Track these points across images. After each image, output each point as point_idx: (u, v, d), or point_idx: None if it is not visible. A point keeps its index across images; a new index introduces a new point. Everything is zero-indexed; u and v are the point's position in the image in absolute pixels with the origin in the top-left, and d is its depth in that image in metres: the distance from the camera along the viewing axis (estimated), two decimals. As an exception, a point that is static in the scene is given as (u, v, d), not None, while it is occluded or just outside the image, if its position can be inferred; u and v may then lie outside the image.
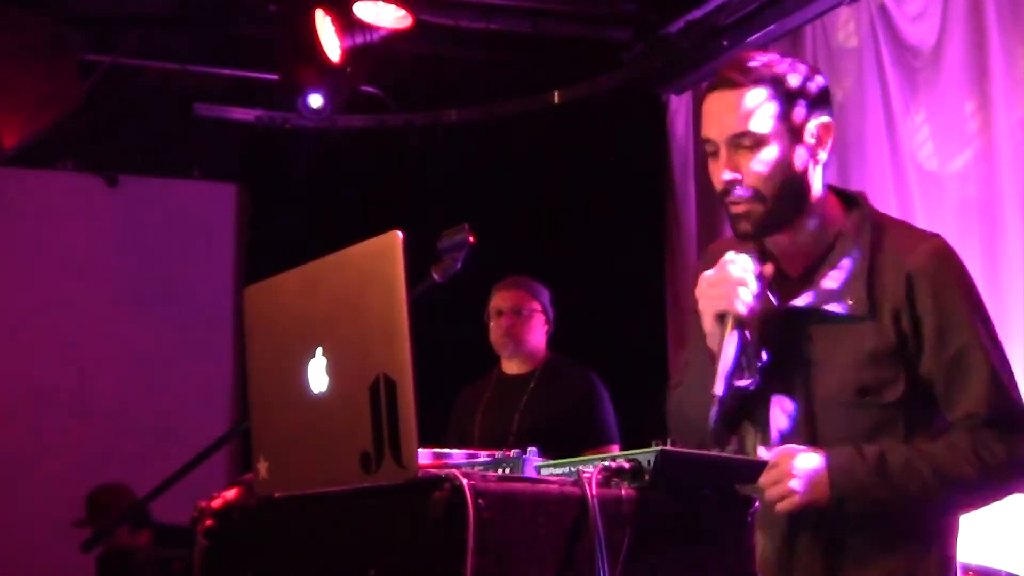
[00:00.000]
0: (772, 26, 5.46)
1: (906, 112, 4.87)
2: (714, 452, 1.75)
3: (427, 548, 1.55)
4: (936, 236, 2.22)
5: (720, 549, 1.72)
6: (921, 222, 4.75)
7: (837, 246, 2.16)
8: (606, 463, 1.65)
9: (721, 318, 2.08)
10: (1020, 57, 4.46)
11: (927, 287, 2.12)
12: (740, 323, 2.06)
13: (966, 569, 3.70)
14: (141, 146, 6.89)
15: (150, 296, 6.85)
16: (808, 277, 2.19)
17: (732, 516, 1.73)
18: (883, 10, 4.98)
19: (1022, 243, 4.38)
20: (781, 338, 2.16)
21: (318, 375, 1.72)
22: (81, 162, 6.90)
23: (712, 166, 2.17)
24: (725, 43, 5.67)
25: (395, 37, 5.66)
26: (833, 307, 2.13)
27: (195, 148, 7.06)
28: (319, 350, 1.72)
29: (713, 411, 2.01)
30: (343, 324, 1.70)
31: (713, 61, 5.76)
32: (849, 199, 2.24)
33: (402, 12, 5.49)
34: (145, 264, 6.87)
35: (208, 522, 1.99)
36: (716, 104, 2.15)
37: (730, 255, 2.12)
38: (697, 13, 5.72)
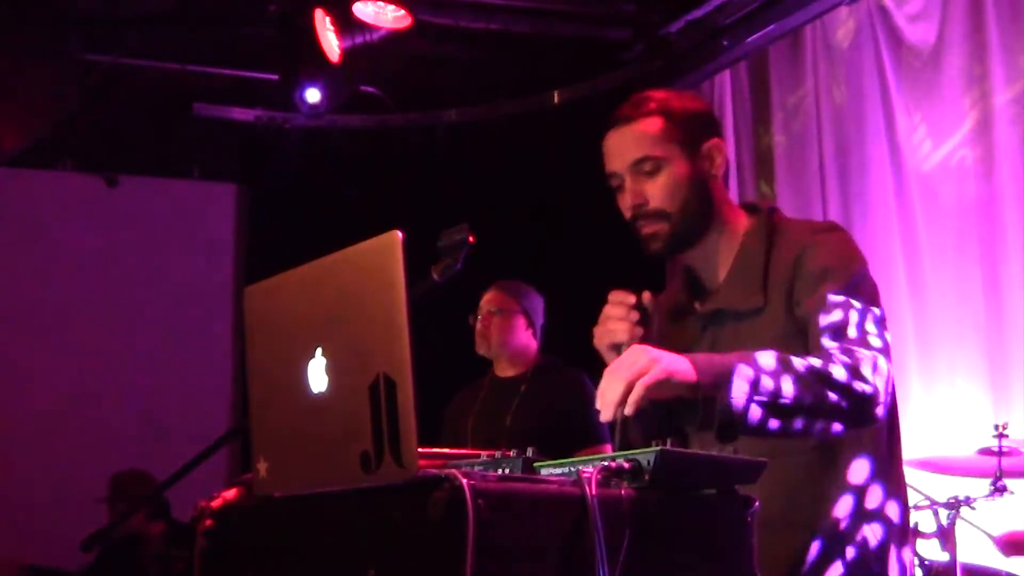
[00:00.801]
0: (772, 26, 5.46)
1: (906, 112, 4.87)
2: (714, 452, 1.75)
3: (427, 548, 1.55)
4: (829, 224, 2.35)
5: (720, 549, 1.72)
6: (920, 222, 4.77)
7: (740, 251, 2.31)
8: (606, 463, 1.65)
9: (615, 349, 2.21)
10: (1019, 57, 4.46)
11: (801, 265, 2.21)
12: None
13: (966, 569, 3.70)
14: (141, 146, 6.89)
15: (150, 296, 6.85)
16: (723, 283, 2.34)
17: (732, 516, 1.73)
18: (883, 10, 4.99)
19: (1021, 243, 4.38)
20: (701, 345, 2.31)
21: (318, 375, 1.72)
22: (81, 162, 6.90)
23: (619, 199, 2.37)
24: (725, 43, 5.68)
25: (395, 37, 5.67)
26: (735, 306, 2.27)
27: (195, 148, 7.06)
28: (319, 350, 1.72)
29: (615, 432, 2.12)
30: (343, 324, 1.70)
31: (713, 61, 5.77)
32: (752, 208, 2.39)
33: (402, 12, 5.49)
34: (145, 264, 6.88)
35: (208, 522, 1.99)
36: (615, 140, 2.36)
37: (611, 295, 2.28)
38: (697, 13, 5.72)
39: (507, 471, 1.72)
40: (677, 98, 2.35)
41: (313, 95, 5.86)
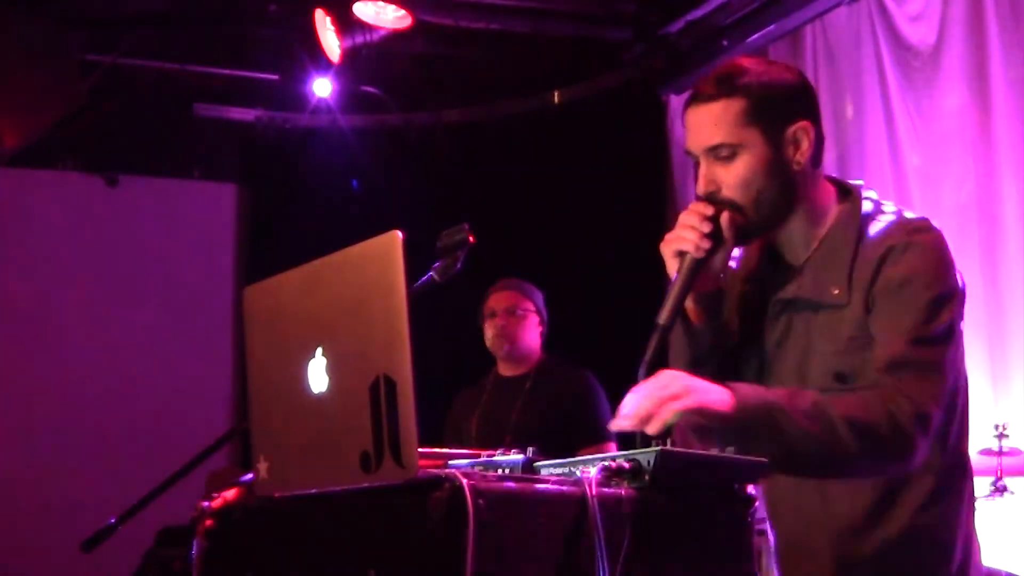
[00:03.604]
0: (772, 26, 5.47)
1: (906, 112, 4.87)
2: (714, 452, 1.74)
3: (427, 548, 1.55)
4: (922, 223, 2.18)
5: (720, 549, 1.71)
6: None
7: (826, 238, 2.19)
8: (606, 463, 1.64)
9: (679, 255, 2.14)
10: (1019, 57, 4.46)
11: (888, 268, 2.10)
12: (695, 262, 2.12)
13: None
14: (141, 146, 6.89)
15: (150, 296, 6.85)
16: (803, 268, 2.23)
17: (732, 516, 1.72)
18: (883, 10, 4.99)
19: (1021, 243, 4.39)
20: (776, 328, 2.21)
21: (318, 375, 1.72)
22: (81, 162, 6.90)
23: (696, 177, 2.23)
24: (725, 43, 5.68)
25: (395, 37, 5.67)
26: (817, 296, 2.16)
27: (195, 148, 7.06)
28: (319, 350, 1.72)
29: (653, 340, 2.07)
30: (343, 324, 1.69)
31: (713, 61, 5.77)
32: (845, 190, 2.26)
33: (402, 12, 5.50)
34: (145, 264, 6.88)
35: (208, 522, 1.99)
36: (693, 117, 2.18)
37: (693, 204, 2.19)
38: (697, 13, 5.72)
39: (507, 471, 1.72)
40: (766, 74, 2.17)
41: (323, 86, 5.87)
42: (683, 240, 2.13)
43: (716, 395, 1.91)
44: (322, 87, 5.99)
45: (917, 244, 2.11)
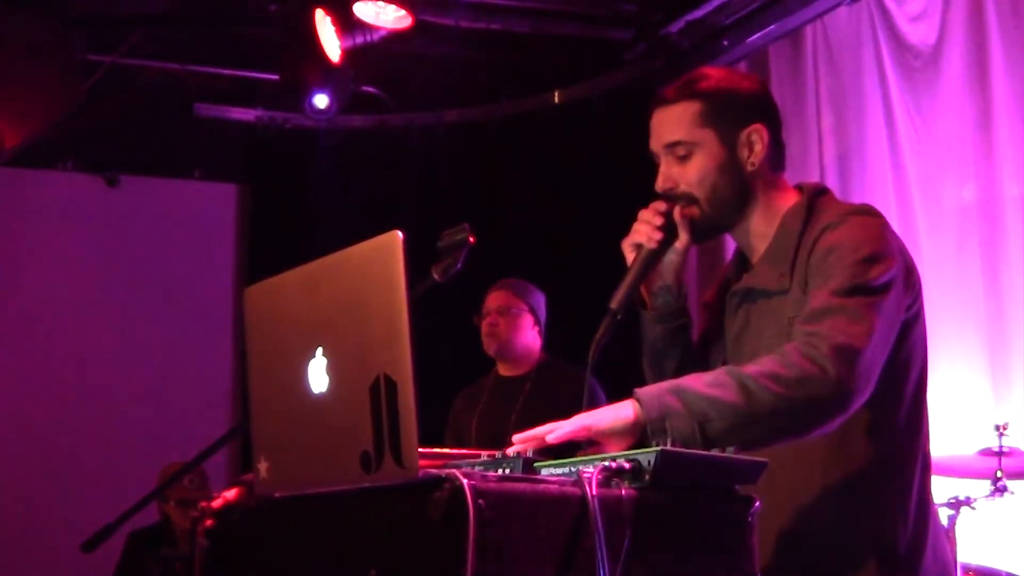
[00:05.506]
0: (772, 26, 5.46)
1: (906, 112, 4.87)
2: (715, 452, 1.74)
3: (427, 548, 1.55)
4: (862, 206, 2.28)
5: (720, 549, 1.71)
6: (921, 222, 4.77)
7: (777, 231, 2.29)
8: (606, 463, 1.65)
9: (635, 248, 2.31)
10: (1020, 57, 4.46)
11: (819, 243, 2.19)
12: (649, 253, 2.29)
13: (966, 569, 3.70)
14: (142, 146, 6.89)
15: (150, 296, 6.85)
16: (757, 263, 2.34)
17: (732, 516, 1.73)
18: (883, 10, 4.99)
19: (1022, 243, 4.38)
20: (736, 322, 2.32)
21: (318, 375, 1.72)
22: (81, 162, 6.90)
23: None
24: (726, 43, 5.68)
25: (395, 37, 5.67)
26: (763, 284, 2.26)
27: (196, 148, 7.06)
28: (319, 350, 1.72)
29: (604, 324, 2.22)
30: (343, 324, 1.70)
31: (714, 61, 5.77)
32: (801, 189, 2.36)
33: (402, 12, 5.49)
34: (145, 264, 6.87)
35: (209, 522, 1.99)
36: (655, 120, 2.36)
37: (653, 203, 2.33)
38: (698, 13, 5.72)
39: (507, 471, 1.72)
40: (724, 80, 2.32)
41: (321, 100, 5.88)
42: (638, 233, 2.30)
43: (620, 410, 1.96)
44: (320, 100, 5.99)
45: (849, 221, 2.19)
